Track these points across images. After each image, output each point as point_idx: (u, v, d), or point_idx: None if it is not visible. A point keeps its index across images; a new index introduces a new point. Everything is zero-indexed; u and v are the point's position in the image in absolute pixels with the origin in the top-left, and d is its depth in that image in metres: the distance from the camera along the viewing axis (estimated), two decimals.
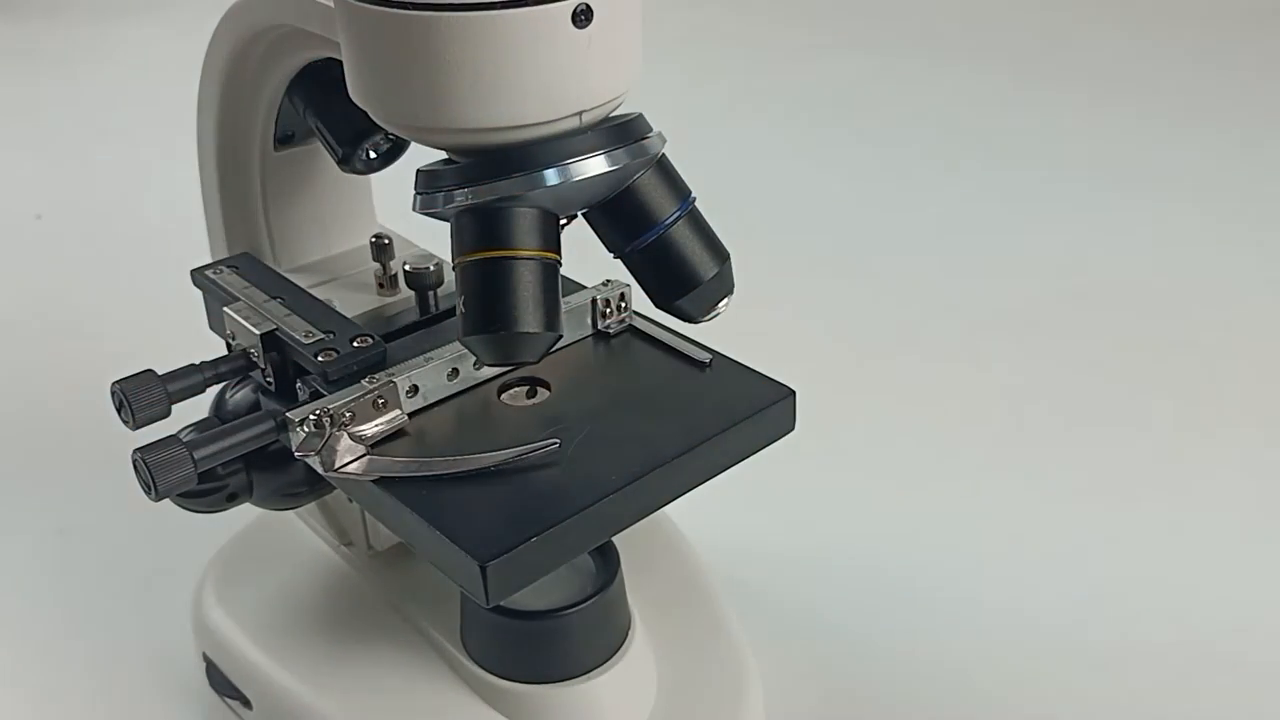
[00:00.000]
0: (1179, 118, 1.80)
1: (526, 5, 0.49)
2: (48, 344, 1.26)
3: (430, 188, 0.54)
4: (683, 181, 0.58)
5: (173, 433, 0.63)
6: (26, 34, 2.32)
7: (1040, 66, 2.01)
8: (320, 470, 0.60)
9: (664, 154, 0.57)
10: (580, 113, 0.53)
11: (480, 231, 0.53)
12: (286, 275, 0.74)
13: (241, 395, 0.72)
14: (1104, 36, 2.14)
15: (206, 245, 0.81)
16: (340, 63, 0.58)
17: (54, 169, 1.71)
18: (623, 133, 0.54)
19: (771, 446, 0.65)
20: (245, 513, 0.74)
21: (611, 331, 0.71)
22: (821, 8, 2.29)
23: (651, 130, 0.56)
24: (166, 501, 0.63)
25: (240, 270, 0.73)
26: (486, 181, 0.52)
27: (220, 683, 0.78)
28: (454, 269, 0.55)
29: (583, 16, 0.50)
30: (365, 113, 0.56)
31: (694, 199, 0.58)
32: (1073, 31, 2.16)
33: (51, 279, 1.40)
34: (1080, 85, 1.93)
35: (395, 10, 0.50)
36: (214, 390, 0.70)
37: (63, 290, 1.37)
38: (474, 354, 0.56)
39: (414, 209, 0.56)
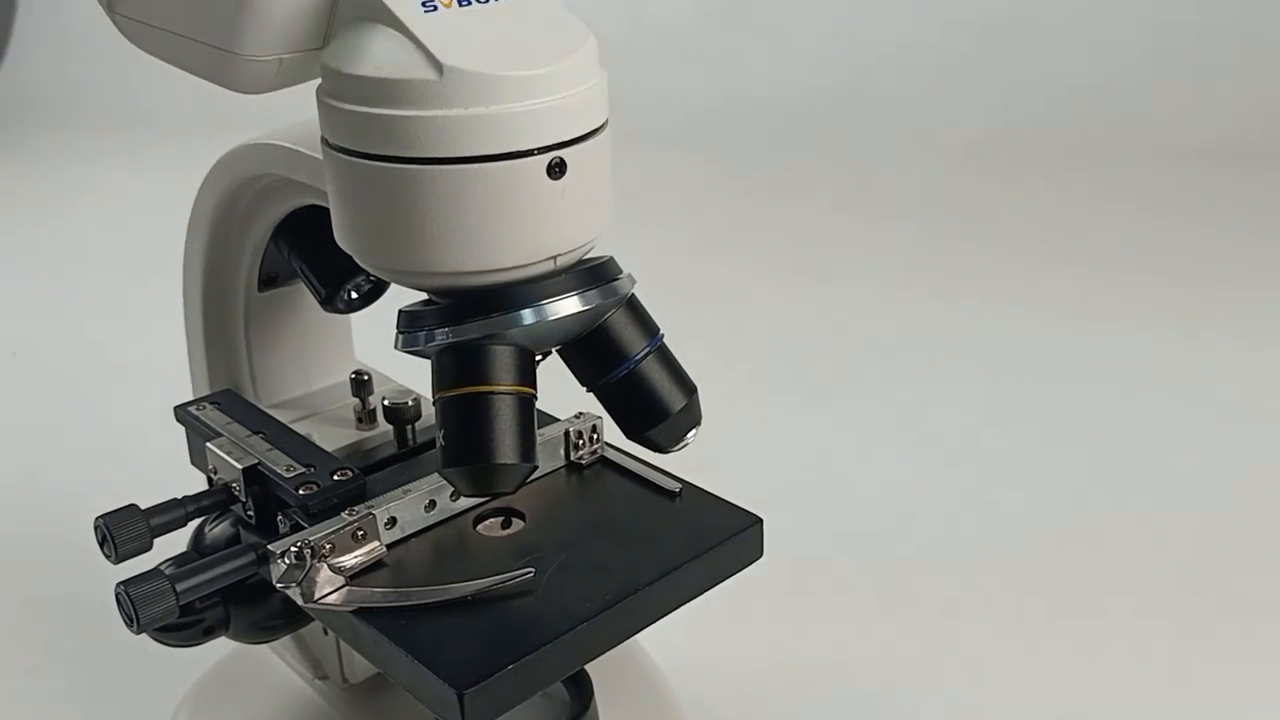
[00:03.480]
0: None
1: (504, 159, 0.52)
2: (23, 482, 1.26)
3: (412, 327, 0.57)
4: (651, 319, 0.61)
5: (151, 567, 0.64)
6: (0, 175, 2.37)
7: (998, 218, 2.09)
8: (300, 602, 0.61)
9: (633, 293, 0.60)
10: (555, 257, 0.56)
11: (460, 368, 0.56)
12: (268, 411, 0.76)
13: (220, 529, 0.73)
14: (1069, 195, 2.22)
15: (177, 380, 0.83)
16: (324, 209, 0.62)
17: (27, 307, 1.74)
18: (594, 275, 0.58)
19: (743, 573, 0.67)
20: (220, 646, 0.74)
21: (584, 462, 0.73)
22: (782, 151, 2.38)
23: (622, 272, 0.59)
24: (142, 637, 0.64)
25: (223, 406, 0.75)
26: (466, 321, 0.55)
27: None
28: (434, 404, 0.57)
29: (557, 169, 0.53)
30: (347, 256, 0.59)
31: (662, 335, 0.61)
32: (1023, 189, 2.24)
33: (26, 417, 1.41)
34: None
35: (381, 163, 0.53)
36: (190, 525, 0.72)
37: (37, 428, 1.38)
38: (453, 485, 0.58)
39: (396, 347, 0.58)
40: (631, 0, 2.60)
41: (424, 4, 0.53)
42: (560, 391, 0.68)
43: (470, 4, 0.54)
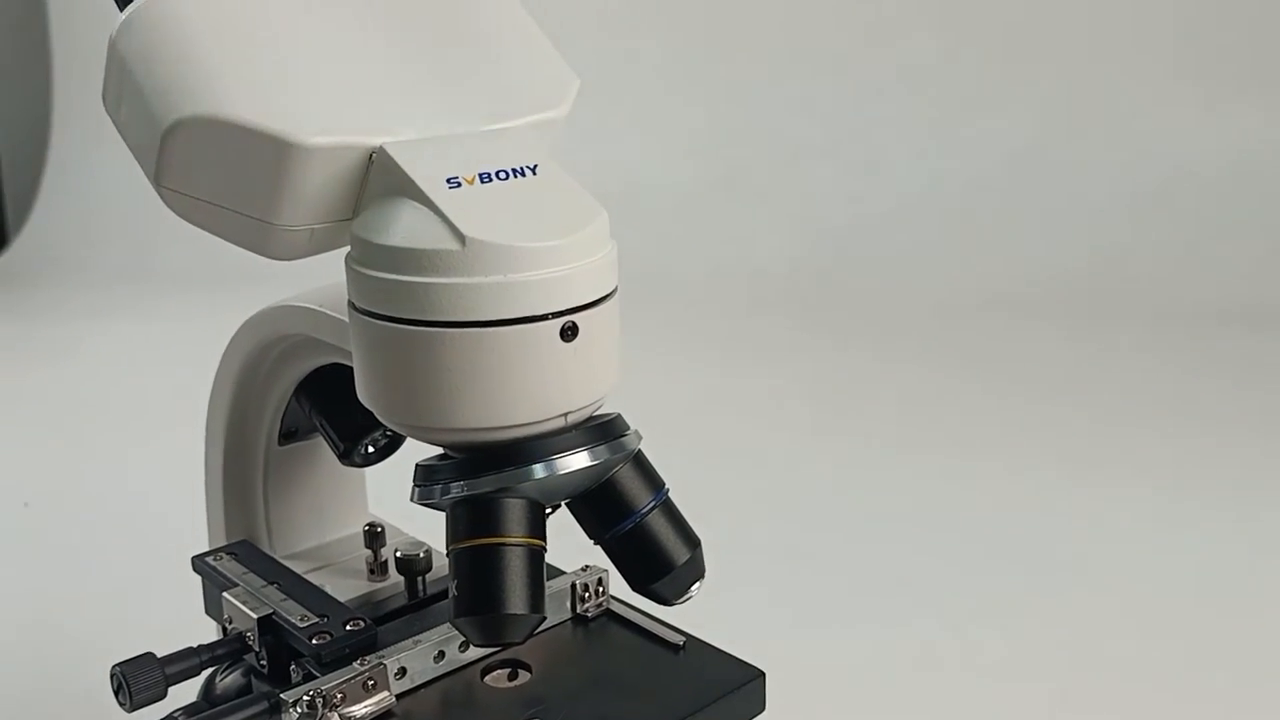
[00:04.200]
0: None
1: (520, 323, 0.56)
2: (38, 630, 1.27)
3: (428, 481, 0.60)
4: (657, 474, 0.64)
5: (163, 716, 0.65)
6: (12, 327, 2.42)
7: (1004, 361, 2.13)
8: None
9: (640, 449, 0.63)
10: (566, 414, 0.59)
11: (473, 520, 0.58)
12: (283, 561, 0.78)
13: (230, 679, 0.75)
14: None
15: (190, 530, 0.85)
16: (345, 367, 0.65)
17: (40, 458, 1.76)
18: (603, 431, 0.61)
19: None
20: None
21: (590, 615, 0.75)
22: (778, 311, 2.43)
23: (629, 428, 0.62)
24: None
25: (239, 557, 0.78)
26: (481, 476, 0.58)
27: None
28: (448, 555, 0.59)
29: (569, 332, 0.57)
30: (366, 412, 0.62)
31: (667, 490, 0.64)
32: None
33: (40, 566, 1.42)
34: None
35: (405, 326, 0.57)
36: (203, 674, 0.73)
37: (51, 577, 1.39)
38: (464, 635, 0.59)
39: (412, 499, 0.61)
40: (631, 166, 2.70)
41: (448, 181, 0.58)
42: (567, 544, 0.70)
43: (491, 181, 0.59)
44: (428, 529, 0.77)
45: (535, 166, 0.60)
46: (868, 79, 2.74)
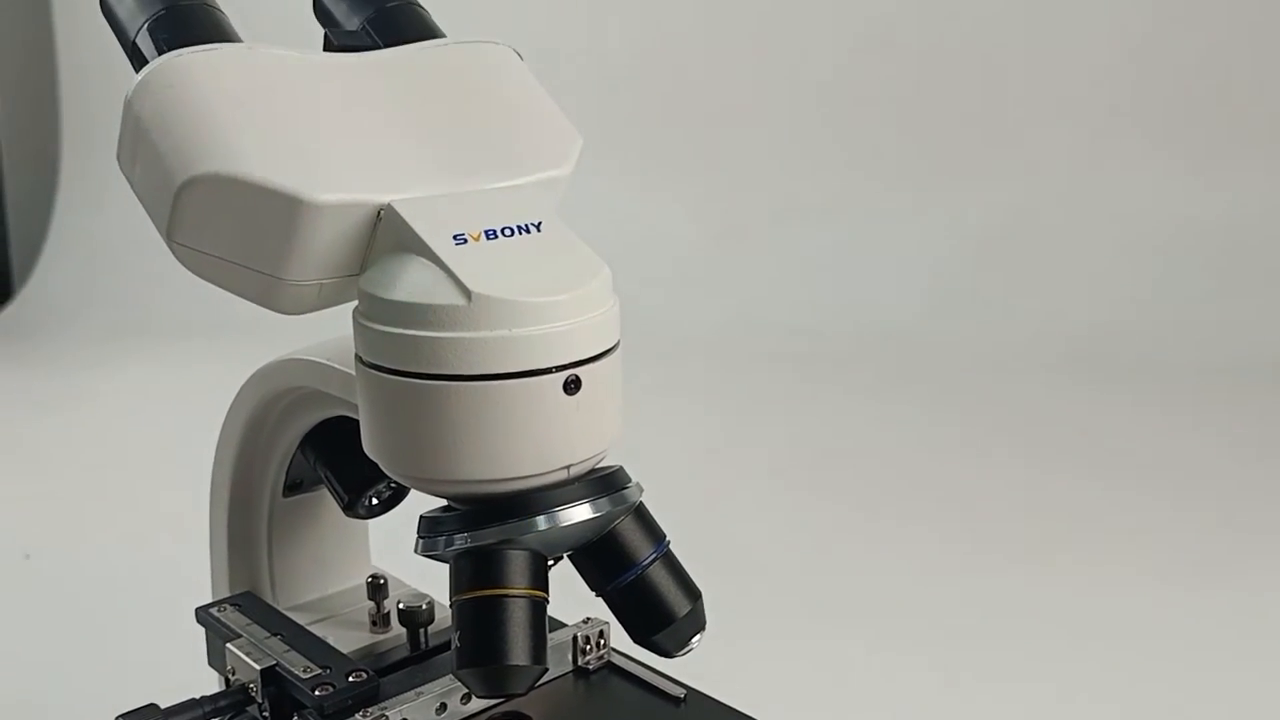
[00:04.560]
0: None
1: (524, 377, 0.57)
2: (40, 682, 1.26)
3: (432, 532, 0.61)
4: (658, 526, 0.65)
5: None
6: (17, 378, 2.43)
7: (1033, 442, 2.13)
8: None
9: (641, 501, 0.64)
10: (568, 466, 0.60)
11: (476, 572, 0.59)
12: (285, 613, 0.78)
13: None
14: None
15: (191, 581, 0.85)
16: (350, 420, 0.66)
17: (43, 509, 1.76)
18: (605, 484, 0.61)
19: None
20: None
21: (591, 667, 0.75)
22: (784, 366, 2.44)
23: (630, 481, 0.63)
24: None
25: (243, 608, 0.78)
26: (484, 527, 0.59)
27: None
28: (451, 607, 0.60)
29: (573, 385, 0.58)
30: (370, 464, 0.63)
31: (668, 542, 0.65)
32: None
33: (42, 618, 1.42)
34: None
35: (411, 379, 0.58)
36: None
37: (53, 629, 1.39)
38: (467, 686, 0.60)
39: (416, 551, 0.62)
40: (634, 223, 2.73)
41: (455, 237, 0.59)
42: (568, 596, 0.71)
43: (496, 237, 0.60)
44: (430, 581, 0.78)
45: (540, 223, 0.62)
46: (867, 139, 2.77)
